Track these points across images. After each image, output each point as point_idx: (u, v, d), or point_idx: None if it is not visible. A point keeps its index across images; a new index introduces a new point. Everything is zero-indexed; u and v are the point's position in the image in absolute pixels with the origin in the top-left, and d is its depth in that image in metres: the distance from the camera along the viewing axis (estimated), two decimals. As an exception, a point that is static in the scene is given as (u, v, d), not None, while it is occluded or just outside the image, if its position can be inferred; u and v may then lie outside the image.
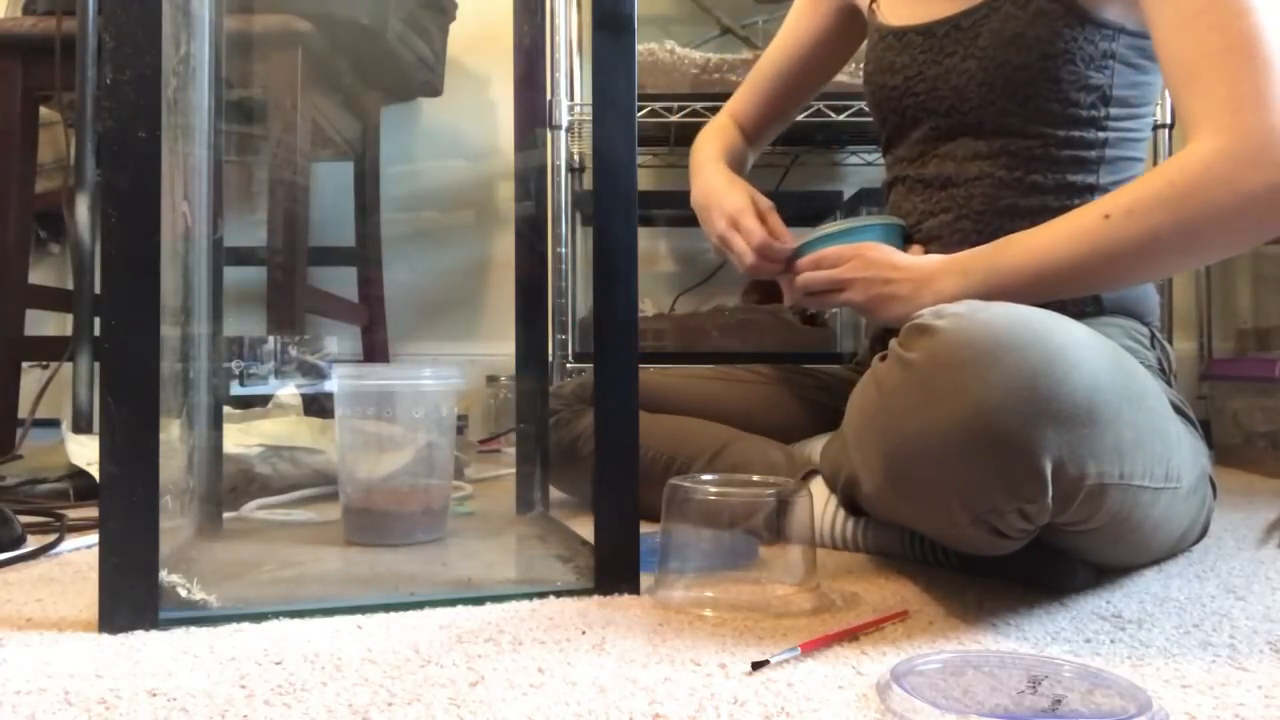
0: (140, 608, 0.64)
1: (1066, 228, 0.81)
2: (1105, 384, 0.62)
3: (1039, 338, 0.61)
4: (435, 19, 1.96)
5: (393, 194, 2.21)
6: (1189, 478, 0.75)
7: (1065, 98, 0.92)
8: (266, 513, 1.10)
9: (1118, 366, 0.65)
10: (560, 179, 1.86)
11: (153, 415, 0.64)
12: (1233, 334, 2.14)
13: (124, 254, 0.64)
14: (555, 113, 1.86)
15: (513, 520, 1.03)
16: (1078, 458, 0.61)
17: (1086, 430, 0.61)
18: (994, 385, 0.60)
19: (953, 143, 0.99)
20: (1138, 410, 0.65)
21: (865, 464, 0.74)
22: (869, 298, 0.91)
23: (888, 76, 1.04)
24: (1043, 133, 0.94)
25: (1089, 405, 0.61)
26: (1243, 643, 0.64)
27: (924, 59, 1.00)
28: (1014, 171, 0.95)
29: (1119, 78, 0.92)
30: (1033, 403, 0.59)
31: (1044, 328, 0.63)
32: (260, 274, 1.63)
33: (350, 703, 0.52)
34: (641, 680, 0.55)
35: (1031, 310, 0.66)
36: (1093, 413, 0.61)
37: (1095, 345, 0.64)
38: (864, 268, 0.92)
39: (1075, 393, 0.60)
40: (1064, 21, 0.90)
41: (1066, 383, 0.60)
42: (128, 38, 0.64)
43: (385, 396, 0.89)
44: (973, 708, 0.49)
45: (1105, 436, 0.62)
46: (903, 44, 1.02)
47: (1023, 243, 0.84)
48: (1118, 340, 0.91)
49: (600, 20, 0.74)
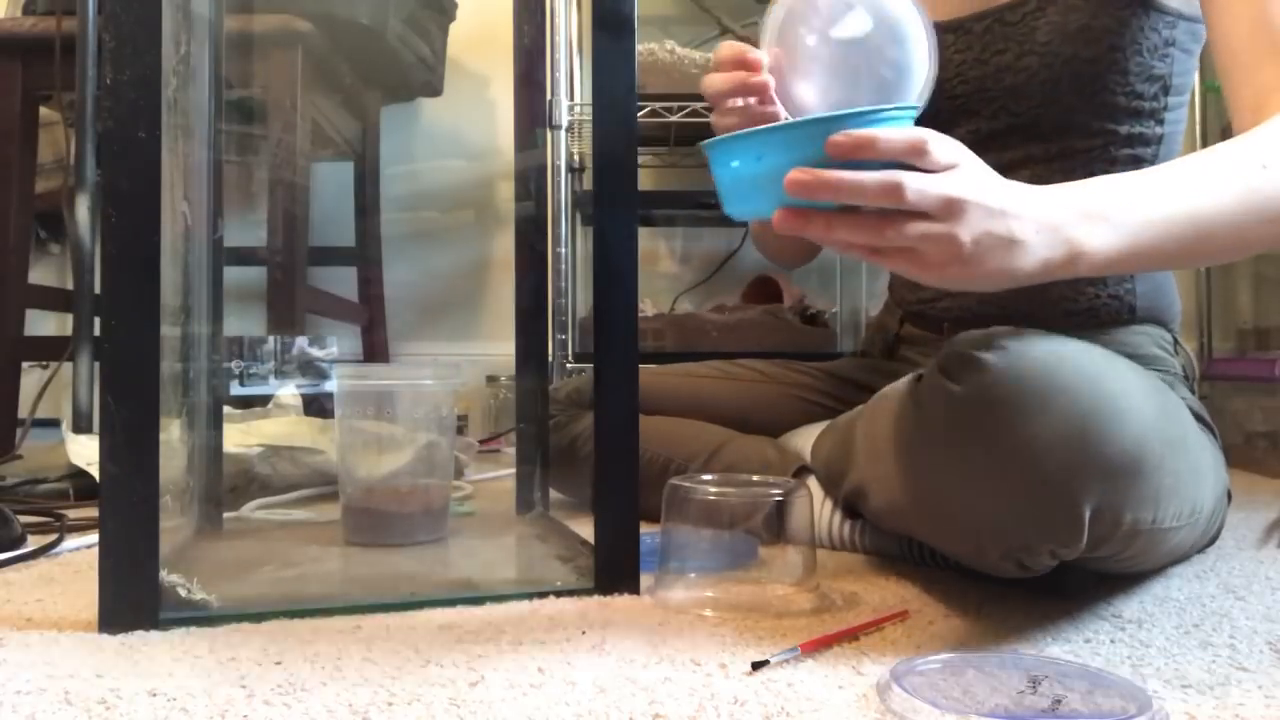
0: (140, 608, 0.64)
1: (1217, 173, 0.66)
2: (1153, 434, 0.60)
3: (1092, 384, 0.59)
4: (435, 19, 1.96)
5: (393, 194, 2.21)
6: (1209, 504, 0.75)
7: (1131, 89, 0.89)
8: (266, 513, 1.10)
9: (1164, 412, 0.63)
10: (560, 179, 1.86)
11: (153, 415, 0.64)
12: (1233, 334, 2.14)
13: (124, 254, 0.64)
14: (555, 113, 1.86)
15: (513, 520, 1.03)
16: (1117, 506, 0.60)
17: (1130, 479, 0.60)
18: (1042, 430, 0.58)
19: (998, 145, 0.92)
20: (1179, 456, 0.64)
21: (882, 480, 0.74)
22: (975, 239, 0.58)
23: None
24: (1106, 129, 0.90)
25: (1136, 456, 0.59)
26: (1243, 643, 0.64)
27: (962, 59, 0.93)
28: (1070, 175, 0.82)
29: (1177, 65, 0.91)
30: (1081, 451, 0.58)
31: (1097, 373, 0.60)
32: (260, 274, 1.63)
33: (350, 703, 0.52)
34: (641, 680, 0.55)
35: (1084, 350, 0.63)
36: (1139, 463, 0.59)
37: (1144, 390, 0.62)
38: (974, 185, 0.58)
39: (1124, 443, 0.59)
40: (1129, 10, 0.88)
41: (1115, 433, 0.58)
42: (128, 38, 0.64)
43: (385, 396, 0.89)
44: (973, 708, 0.49)
45: (1147, 485, 0.61)
46: None
47: (1166, 185, 0.65)
48: (1146, 350, 0.90)
49: (600, 20, 0.74)
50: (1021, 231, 0.59)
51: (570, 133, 1.91)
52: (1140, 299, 0.92)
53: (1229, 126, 0.79)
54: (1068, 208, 0.61)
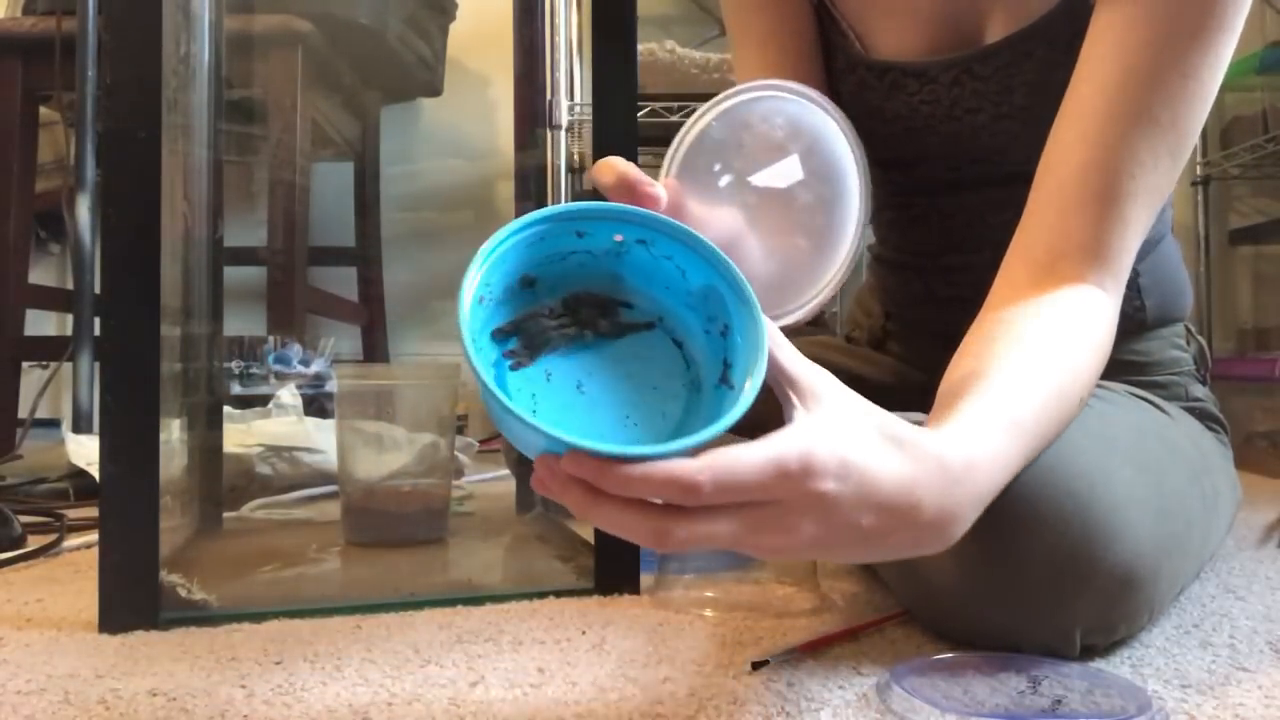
0: (140, 608, 0.64)
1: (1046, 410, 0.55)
2: (1147, 547, 0.58)
3: (1081, 507, 0.56)
4: (435, 19, 1.96)
5: (393, 194, 2.21)
6: (1218, 540, 0.73)
7: None
8: (266, 513, 1.10)
9: (1163, 513, 0.60)
10: (560, 179, 1.86)
11: (153, 415, 0.64)
12: (1233, 334, 2.14)
13: (124, 254, 0.64)
14: (555, 113, 1.86)
15: (512, 520, 1.03)
16: (1110, 622, 0.59)
17: (1122, 596, 0.58)
18: (1029, 559, 0.56)
19: (977, 184, 0.82)
20: (1180, 556, 0.63)
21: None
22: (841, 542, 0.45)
23: (876, 122, 0.81)
24: None
25: (1127, 575, 0.57)
26: (1243, 643, 0.64)
27: (930, 110, 0.79)
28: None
29: None
30: (1072, 576, 0.56)
31: (1088, 487, 0.56)
32: (260, 274, 1.63)
33: (350, 703, 0.52)
34: (641, 680, 0.55)
35: (1078, 454, 0.57)
36: (1130, 580, 0.57)
37: (1142, 496, 0.59)
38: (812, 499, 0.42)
39: (1114, 568, 0.56)
40: None
41: (1106, 557, 0.56)
42: (128, 38, 0.64)
43: (385, 396, 0.89)
44: (973, 708, 0.49)
45: (1139, 597, 0.59)
46: (887, 84, 0.80)
47: (1024, 399, 0.54)
48: (1161, 355, 0.84)
49: (600, 20, 0.74)
50: (908, 527, 0.46)
51: (570, 133, 1.90)
52: (1151, 311, 0.84)
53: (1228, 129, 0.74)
54: (941, 475, 0.46)
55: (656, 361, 0.47)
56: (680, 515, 0.40)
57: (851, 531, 0.44)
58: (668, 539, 0.40)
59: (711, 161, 0.60)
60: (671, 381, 0.47)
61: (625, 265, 0.48)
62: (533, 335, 0.47)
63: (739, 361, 0.45)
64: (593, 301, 0.48)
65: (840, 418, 0.44)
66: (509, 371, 0.46)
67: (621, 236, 0.46)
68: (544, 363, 0.46)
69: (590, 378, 0.46)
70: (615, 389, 0.46)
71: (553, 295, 0.48)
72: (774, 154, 0.59)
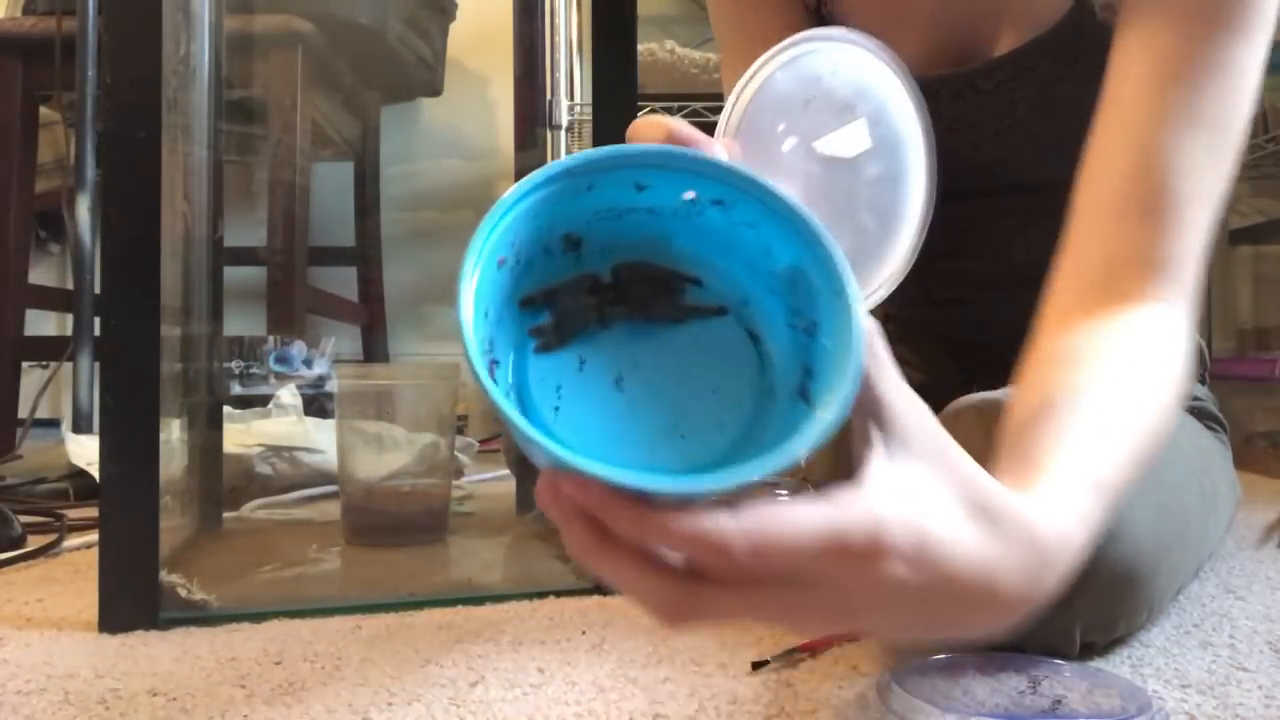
0: (140, 608, 0.64)
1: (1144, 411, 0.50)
2: (1147, 545, 0.58)
3: None
4: (435, 19, 1.96)
5: (393, 194, 2.21)
6: (1217, 539, 0.73)
7: None
8: (266, 512, 1.10)
9: (1162, 510, 0.61)
10: (560, 179, 1.86)
11: (153, 415, 0.64)
12: (1233, 334, 2.14)
13: (124, 254, 0.64)
14: (555, 113, 1.86)
15: (512, 520, 1.03)
16: (1110, 620, 0.60)
17: (1121, 593, 0.58)
18: None
19: (978, 193, 0.78)
20: (1179, 553, 0.63)
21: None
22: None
23: None
24: None
25: (1127, 572, 0.57)
26: (1243, 643, 0.64)
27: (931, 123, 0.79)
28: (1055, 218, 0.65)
29: None
30: (1070, 576, 0.56)
31: None
32: (260, 274, 1.63)
33: (350, 703, 0.52)
34: (641, 680, 0.55)
35: None
36: (1130, 578, 0.58)
37: (1141, 493, 0.54)
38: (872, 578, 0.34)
39: (1115, 564, 0.56)
40: None
41: (1105, 557, 0.55)
42: (128, 38, 0.64)
43: (385, 396, 0.89)
44: (973, 708, 0.49)
45: (1139, 594, 0.60)
46: None
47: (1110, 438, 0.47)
48: None
49: (600, 20, 0.74)
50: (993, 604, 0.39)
51: (570, 133, 1.90)
52: None
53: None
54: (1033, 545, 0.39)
55: (722, 358, 0.37)
56: (701, 586, 0.32)
57: (910, 618, 0.36)
58: (680, 617, 0.32)
59: (775, 121, 0.51)
60: (737, 385, 0.36)
61: (695, 231, 0.37)
62: (568, 310, 0.36)
63: (822, 373, 0.35)
64: (651, 274, 0.37)
65: (928, 476, 0.35)
66: (532, 355, 0.36)
67: (694, 194, 0.36)
68: (578, 346, 0.36)
69: (635, 371, 0.36)
70: (665, 389, 0.36)
71: (600, 262, 0.37)
72: (841, 116, 0.50)
